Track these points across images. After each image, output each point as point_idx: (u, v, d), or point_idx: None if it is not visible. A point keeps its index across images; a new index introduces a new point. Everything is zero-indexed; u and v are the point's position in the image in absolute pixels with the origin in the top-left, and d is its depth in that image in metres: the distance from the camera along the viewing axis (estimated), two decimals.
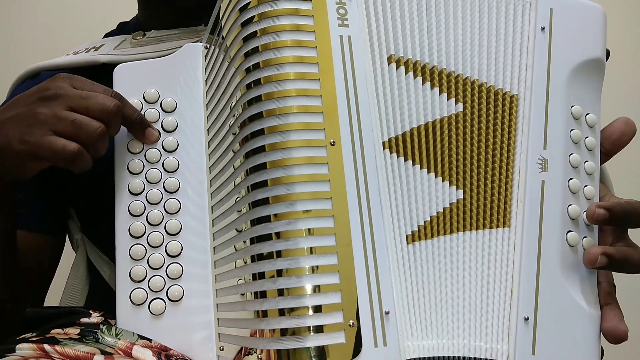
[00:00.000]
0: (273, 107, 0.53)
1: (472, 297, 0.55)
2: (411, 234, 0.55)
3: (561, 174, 0.59)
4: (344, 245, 0.52)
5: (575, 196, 0.59)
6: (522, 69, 0.61)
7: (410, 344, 0.53)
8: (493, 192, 0.58)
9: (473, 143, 0.58)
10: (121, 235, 0.60)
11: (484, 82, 0.59)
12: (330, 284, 0.51)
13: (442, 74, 0.59)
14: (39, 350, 0.51)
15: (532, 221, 0.57)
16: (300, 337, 0.50)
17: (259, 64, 0.54)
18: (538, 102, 0.60)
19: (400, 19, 0.58)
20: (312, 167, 0.52)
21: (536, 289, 0.55)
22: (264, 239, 0.52)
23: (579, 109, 0.61)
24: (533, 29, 0.61)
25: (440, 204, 0.57)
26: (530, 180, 0.58)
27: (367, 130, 0.55)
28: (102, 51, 0.74)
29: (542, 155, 0.59)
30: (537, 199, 0.57)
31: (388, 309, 0.52)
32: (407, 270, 0.55)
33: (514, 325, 0.54)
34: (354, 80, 0.55)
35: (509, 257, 0.56)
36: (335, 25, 0.55)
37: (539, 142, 0.59)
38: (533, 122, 0.59)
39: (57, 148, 0.56)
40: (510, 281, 0.56)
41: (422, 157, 0.57)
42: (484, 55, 0.60)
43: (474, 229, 0.56)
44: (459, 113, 0.58)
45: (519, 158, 0.58)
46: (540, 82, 0.60)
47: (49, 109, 0.57)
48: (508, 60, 0.61)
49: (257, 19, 0.55)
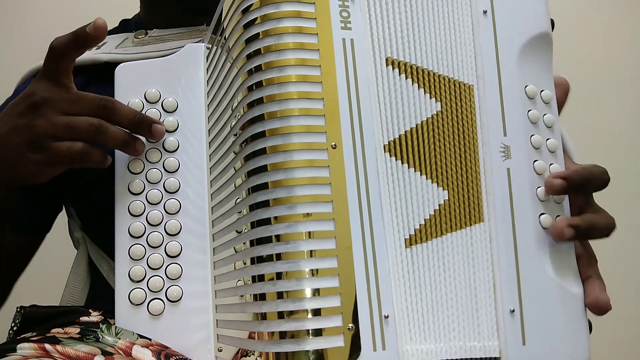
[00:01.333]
0: (274, 109, 0.53)
1: (463, 297, 0.55)
2: (409, 237, 0.55)
3: (525, 157, 0.58)
4: (345, 249, 0.51)
5: (542, 177, 0.59)
6: (471, 57, 0.59)
7: (409, 348, 0.53)
8: (469, 189, 0.57)
9: (449, 141, 0.58)
10: (121, 235, 0.60)
11: (451, 77, 0.59)
12: (330, 287, 0.51)
13: (424, 72, 0.58)
14: (39, 349, 0.51)
15: (503, 211, 0.57)
16: (299, 340, 0.50)
17: (261, 65, 0.54)
18: (491, 89, 0.59)
19: (399, 22, 0.58)
20: (313, 170, 0.52)
21: (517, 280, 0.56)
22: (264, 242, 0.52)
23: (533, 88, 0.60)
24: (475, 13, 0.60)
25: (431, 206, 0.56)
26: (495, 170, 0.57)
27: (369, 134, 0.55)
28: (104, 50, 0.74)
29: (504, 142, 0.58)
30: (505, 188, 0.57)
31: (387, 313, 0.52)
32: (405, 274, 0.55)
33: (501, 319, 0.55)
34: (356, 83, 0.55)
35: (487, 251, 0.56)
36: (338, 28, 0.55)
37: (499, 130, 0.58)
38: (490, 110, 0.58)
39: (78, 151, 0.58)
40: (491, 276, 0.56)
41: (414, 160, 0.57)
42: (443, 48, 0.59)
43: (458, 229, 0.56)
44: (438, 112, 0.58)
45: (482, 150, 0.58)
46: (491, 68, 0.59)
47: (44, 119, 0.58)
48: (459, 49, 0.59)
49: (259, 20, 0.55)
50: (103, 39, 0.58)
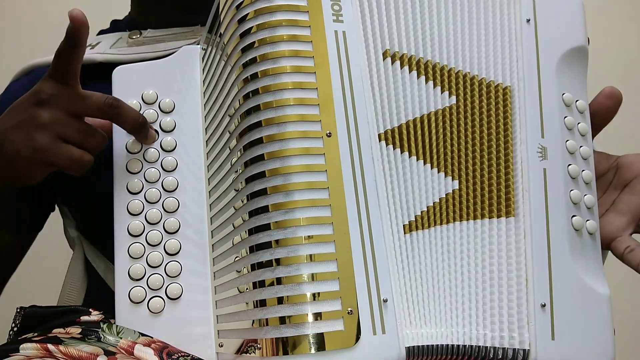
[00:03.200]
0: (270, 99, 0.54)
1: (472, 286, 0.56)
2: (408, 223, 0.56)
3: (560, 160, 0.60)
4: (342, 234, 0.52)
5: (575, 181, 0.60)
6: (513, 61, 0.62)
7: (409, 332, 0.53)
8: (491, 183, 0.58)
9: (467, 135, 0.59)
10: (120, 234, 0.61)
11: (476, 75, 0.61)
12: (328, 272, 0.51)
13: (435, 67, 0.60)
14: (42, 350, 0.51)
15: (538, 209, 0.58)
16: (299, 324, 0.50)
17: (256, 58, 0.55)
18: (532, 92, 0.61)
19: (395, 15, 0.60)
20: (309, 157, 0.53)
21: (549, 276, 0.56)
22: (262, 229, 0.52)
23: (569, 96, 0.62)
24: (519, 21, 0.63)
25: (436, 194, 0.58)
26: (532, 169, 0.59)
27: (363, 122, 0.55)
28: (98, 50, 0.75)
29: (541, 143, 0.60)
30: (540, 187, 0.59)
31: (386, 297, 0.52)
32: (404, 259, 0.55)
33: (532, 313, 0.55)
34: (349, 73, 0.56)
35: (519, 246, 0.57)
36: (330, 21, 0.57)
37: (537, 131, 0.60)
38: (529, 112, 0.60)
39: (74, 158, 0.58)
40: (523, 270, 0.56)
41: (417, 149, 0.58)
42: (474, 49, 0.61)
43: (471, 219, 0.57)
44: (452, 106, 0.59)
45: (519, 148, 0.59)
46: (532, 73, 0.61)
47: (50, 113, 0.58)
48: (498, 52, 0.62)
49: (253, 15, 0.56)
50: (86, 28, 0.58)
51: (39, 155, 0.58)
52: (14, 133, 0.58)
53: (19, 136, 0.58)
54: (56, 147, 0.58)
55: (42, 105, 0.58)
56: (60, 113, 0.58)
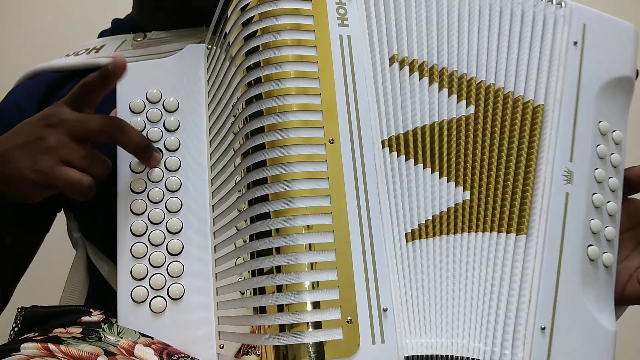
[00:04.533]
0: (273, 105, 0.54)
1: (475, 297, 0.56)
2: (411, 232, 0.56)
3: (586, 187, 0.59)
4: (342, 243, 0.52)
5: (598, 211, 0.60)
6: (552, 81, 0.61)
7: (409, 342, 0.53)
8: (505, 197, 0.58)
9: (485, 146, 0.58)
10: (123, 234, 0.61)
11: (501, 88, 0.60)
12: (328, 280, 0.51)
13: (452, 75, 0.59)
14: (43, 349, 0.51)
15: (554, 232, 0.57)
16: (298, 333, 0.50)
17: (260, 62, 0.55)
18: (567, 114, 0.60)
19: (406, 21, 0.59)
20: (311, 164, 0.53)
21: (554, 300, 0.56)
22: (262, 236, 0.52)
23: (606, 125, 0.61)
24: (565, 42, 0.62)
25: (444, 203, 0.57)
26: (554, 191, 0.58)
27: (367, 129, 0.55)
28: (103, 53, 0.74)
29: (568, 167, 0.59)
30: (560, 210, 0.58)
31: (386, 306, 0.52)
32: (405, 268, 0.55)
33: (530, 334, 0.54)
34: (354, 79, 0.55)
35: (527, 265, 0.56)
36: (335, 25, 0.56)
37: (566, 154, 0.59)
38: (561, 134, 0.59)
39: (73, 181, 0.57)
40: (528, 289, 0.56)
41: (425, 157, 0.57)
42: (502, 61, 0.60)
43: (480, 231, 0.57)
44: (470, 115, 0.59)
45: (544, 168, 0.59)
46: (570, 96, 0.61)
47: (56, 137, 0.58)
48: (533, 69, 0.61)
49: (257, 18, 0.55)
50: (124, 73, 0.59)
51: (40, 177, 0.57)
52: (19, 153, 0.58)
53: (23, 156, 0.58)
54: (57, 170, 0.57)
55: (50, 128, 0.58)
56: (66, 138, 0.58)
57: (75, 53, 0.78)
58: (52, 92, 0.75)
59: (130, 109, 0.64)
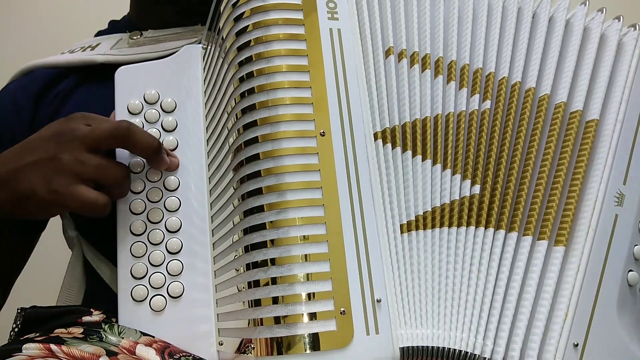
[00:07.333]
0: (265, 98, 0.54)
1: (479, 293, 0.55)
2: (407, 223, 0.55)
3: (635, 212, 0.59)
4: (335, 234, 0.52)
5: None
6: (616, 101, 0.60)
7: (404, 332, 0.52)
8: (535, 202, 0.57)
9: (504, 143, 0.58)
10: (122, 233, 0.61)
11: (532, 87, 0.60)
12: (321, 272, 0.51)
13: (464, 69, 0.59)
14: (45, 350, 0.51)
15: (599, 251, 0.56)
16: (292, 324, 0.50)
17: (251, 57, 0.55)
18: (627, 137, 0.59)
19: (405, 14, 0.59)
20: (303, 157, 0.53)
21: (590, 319, 0.55)
22: (256, 229, 0.52)
23: None
24: (635, 65, 0.61)
25: (447, 195, 0.56)
26: (605, 210, 0.57)
27: (358, 121, 0.55)
28: (99, 51, 0.75)
29: (621, 189, 0.58)
30: (607, 231, 0.57)
31: (380, 297, 0.51)
32: (400, 259, 0.54)
33: (562, 348, 0.54)
34: (344, 72, 0.56)
35: (566, 280, 0.55)
36: (325, 19, 0.56)
37: (620, 176, 0.59)
38: (619, 155, 0.59)
39: (89, 201, 0.56)
40: (565, 303, 0.55)
41: (425, 149, 0.57)
42: (550, 70, 0.60)
43: (491, 227, 0.56)
44: (486, 110, 0.58)
45: (596, 186, 0.57)
46: (632, 119, 0.60)
47: (70, 154, 0.57)
48: (594, 86, 0.60)
49: (248, 13, 0.56)
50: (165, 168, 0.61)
51: (55, 197, 0.56)
52: (32, 172, 0.57)
53: (36, 175, 0.57)
54: (72, 190, 0.56)
55: (63, 145, 0.57)
56: (79, 153, 0.57)
57: (70, 51, 0.78)
58: (48, 89, 0.76)
59: (128, 110, 0.65)
